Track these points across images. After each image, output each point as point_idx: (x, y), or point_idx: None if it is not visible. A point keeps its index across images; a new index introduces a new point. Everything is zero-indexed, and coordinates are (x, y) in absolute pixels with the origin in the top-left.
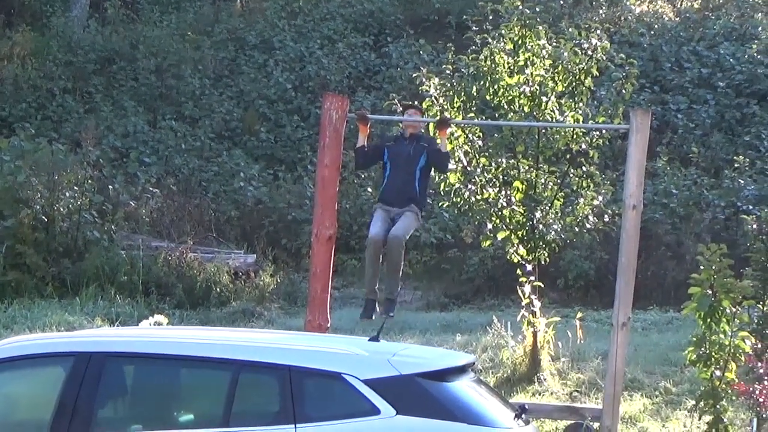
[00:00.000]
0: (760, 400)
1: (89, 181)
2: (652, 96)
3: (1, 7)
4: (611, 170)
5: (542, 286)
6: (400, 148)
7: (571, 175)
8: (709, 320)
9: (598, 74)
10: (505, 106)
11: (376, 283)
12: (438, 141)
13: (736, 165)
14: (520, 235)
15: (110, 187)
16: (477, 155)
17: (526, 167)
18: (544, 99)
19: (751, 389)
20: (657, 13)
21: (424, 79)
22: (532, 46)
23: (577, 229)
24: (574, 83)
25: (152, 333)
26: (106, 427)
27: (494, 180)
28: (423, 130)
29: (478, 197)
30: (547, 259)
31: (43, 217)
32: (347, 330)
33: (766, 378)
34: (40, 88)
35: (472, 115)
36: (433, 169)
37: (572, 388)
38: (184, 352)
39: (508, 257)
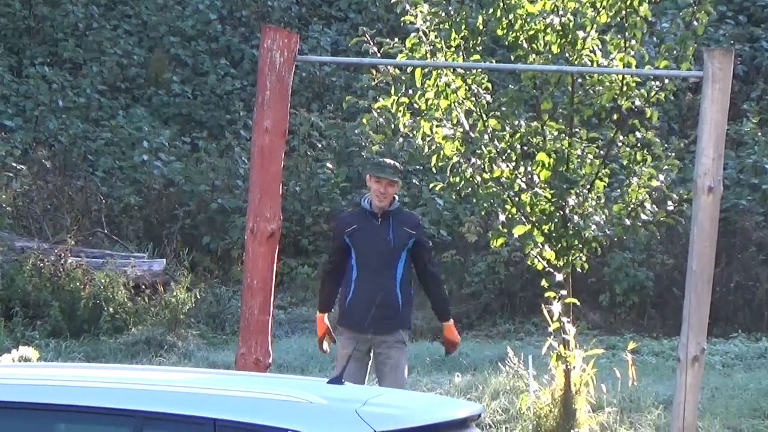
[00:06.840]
0: None
1: None
2: (737, 30)
3: None
4: (677, 137)
5: (578, 303)
6: (371, 233)
7: (620, 145)
8: None
9: None
10: (525, 45)
11: None
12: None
13: None
14: (546, 231)
15: None
16: (484, 115)
17: (555, 133)
18: (581, 34)
19: None
20: None
21: (407, 6)
22: None
23: (628, 222)
24: (624, 12)
25: (17, 373)
26: None
27: (509, 151)
28: (398, 200)
29: (486, 176)
30: (586, 266)
31: None
32: (297, 368)
33: None
34: None
35: (477, 57)
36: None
37: None
38: (64, 400)
39: (529, 262)
